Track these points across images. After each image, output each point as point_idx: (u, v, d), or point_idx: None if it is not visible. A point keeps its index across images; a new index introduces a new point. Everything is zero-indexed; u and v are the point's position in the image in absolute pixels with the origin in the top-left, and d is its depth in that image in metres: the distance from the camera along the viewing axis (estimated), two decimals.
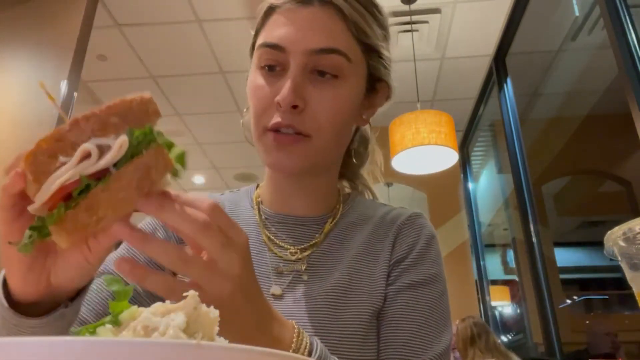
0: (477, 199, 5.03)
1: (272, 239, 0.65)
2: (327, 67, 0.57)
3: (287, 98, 0.55)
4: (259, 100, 0.59)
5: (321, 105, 0.57)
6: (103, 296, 0.58)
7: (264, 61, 0.59)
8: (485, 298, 4.69)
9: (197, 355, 0.23)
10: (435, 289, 0.61)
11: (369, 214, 0.69)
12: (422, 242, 0.64)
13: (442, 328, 0.59)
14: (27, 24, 2.62)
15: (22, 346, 0.22)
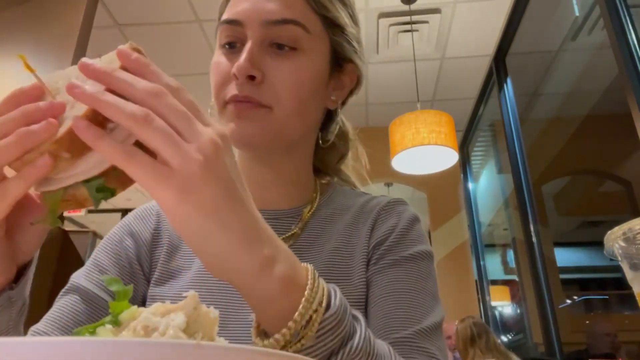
0: (477, 199, 5.03)
1: None
2: (285, 39, 0.56)
3: (242, 68, 0.53)
4: (216, 75, 0.58)
5: (280, 77, 0.55)
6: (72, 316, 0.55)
7: (224, 38, 0.58)
8: (485, 298, 4.69)
9: (197, 355, 0.23)
10: (422, 266, 0.58)
11: (348, 203, 0.66)
12: (403, 224, 0.61)
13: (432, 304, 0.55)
14: (27, 24, 2.62)
15: (22, 346, 0.22)
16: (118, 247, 0.63)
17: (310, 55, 0.58)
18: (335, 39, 0.61)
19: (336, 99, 0.65)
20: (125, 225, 0.66)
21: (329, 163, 0.73)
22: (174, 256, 0.63)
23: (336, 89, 0.65)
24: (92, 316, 0.56)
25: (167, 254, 0.63)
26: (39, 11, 2.64)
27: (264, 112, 0.55)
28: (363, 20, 3.54)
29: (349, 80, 0.66)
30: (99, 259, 0.62)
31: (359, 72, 0.66)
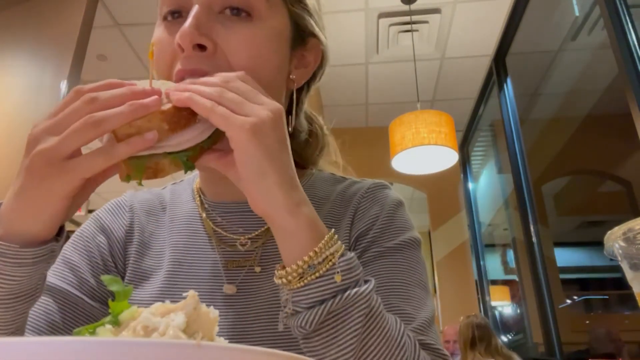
0: (477, 199, 5.03)
1: (218, 231, 0.58)
2: (238, 2, 0.48)
3: (187, 34, 0.45)
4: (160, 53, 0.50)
5: (235, 46, 0.48)
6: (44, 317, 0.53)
7: (166, 7, 0.50)
8: (485, 298, 4.69)
9: (197, 355, 0.23)
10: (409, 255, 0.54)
11: (327, 190, 0.61)
12: (387, 211, 0.56)
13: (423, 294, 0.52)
14: (27, 24, 2.62)
15: (21, 346, 0.22)
16: (90, 244, 0.59)
17: (269, 23, 0.50)
18: (295, 10, 0.54)
19: (297, 77, 0.57)
20: (96, 221, 0.62)
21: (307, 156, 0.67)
22: (145, 256, 0.60)
23: (299, 66, 0.57)
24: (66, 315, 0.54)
25: (137, 252, 0.60)
26: (39, 11, 2.64)
27: None
28: (363, 20, 3.54)
29: (313, 57, 0.59)
30: (69, 257, 0.58)
31: (324, 47, 0.59)
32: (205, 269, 0.56)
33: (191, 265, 0.57)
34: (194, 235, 0.59)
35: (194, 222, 0.60)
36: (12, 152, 2.35)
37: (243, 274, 0.55)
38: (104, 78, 1.50)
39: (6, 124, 2.43)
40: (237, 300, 0.54)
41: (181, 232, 0.60)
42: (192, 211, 0.61)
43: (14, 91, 2.52)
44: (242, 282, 0.55)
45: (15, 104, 2.48)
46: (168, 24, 0.51)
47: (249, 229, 0.57)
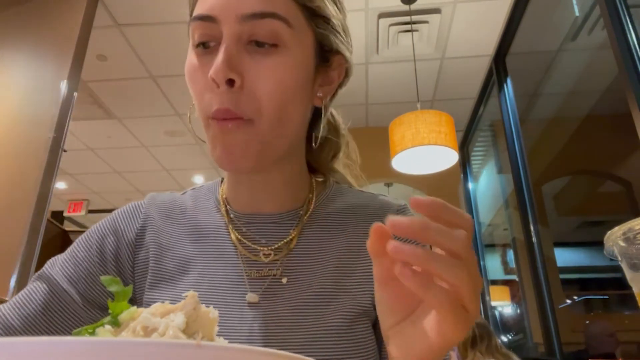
0: (477, 199, 5.03)
1: (243, 241, 0.59)
2: (264, 35, 0.50)
3: (219, 71, 0.48)
4: (194, 83, 0.53)
5: (260, 77, 0.50)
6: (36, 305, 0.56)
7: (198, 37, 0.52)
8: (485, 298, 4.68)
9: (197, 355, 0.23)
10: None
11: (348, 203, 0.62)
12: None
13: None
14: (27, 24, 2.62)
15: (22, 346, 0.22)
16: (98, 243, 0.61)
17: (294, 51, 0.52)
18: (320, 31, 0.56)
19: (324, 95, 0.59)
20: (111, 221, 0.63)
21: (322, 161, 0.68)
22: (164, 257, 0.60)
23: (323, 84, 0.59)
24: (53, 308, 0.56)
25: (155, 256, 0.60)
26: (39, 11, 2.64)
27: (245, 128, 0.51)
28: (363, 20, 3.54)
29: (337, 74, 0.61)
30: (76, 252, 0.61)
31: (348, 63, 0.61)
32: (230, 277, 0.57)
33: (216, 272, 0.58)
34: (219, 245, 0.60)
35: (220, 231, 0.61)
36: (12, 151, 2.35)
37: (267, 283, 0.57)
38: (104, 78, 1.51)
39: (6, 124, 2.43)
40: (259, 308, 0.55)
41: (207, 240, 0.61)
42: (218, 221, 0.62)
43: (14, 91, 2.52)
44: (266, 291, 0.56)
45: (15, 104, 2.48)
46: (199, 53, 0.53)
47: (271, 240, 0.59)
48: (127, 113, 4.74)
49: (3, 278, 2.07)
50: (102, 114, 4.73)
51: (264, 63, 0.50)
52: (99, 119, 4.82)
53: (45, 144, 2.31)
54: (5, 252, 2.12)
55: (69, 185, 6.54)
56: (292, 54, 0.52)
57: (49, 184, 2.28)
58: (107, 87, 4.25)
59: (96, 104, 4.53)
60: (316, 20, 0.55)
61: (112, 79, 4.13)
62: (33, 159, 2.29)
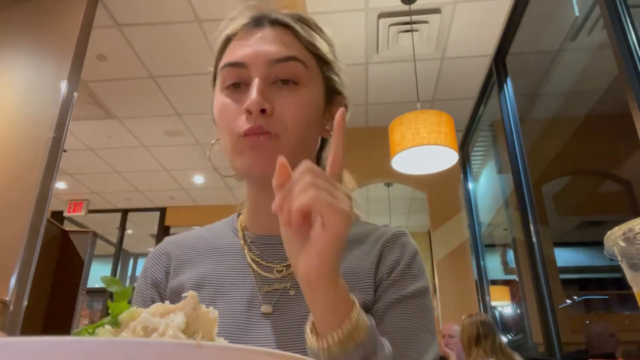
0: (477, 199, 5.03)
1: (257, 261, 0.67)
2: (287, 75, 0.62)
3: (255, 103, 0.59)
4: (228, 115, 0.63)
5: (286, 108, 0.61)
6: None
7: (229, 80, 0.63)
8: (485, 298, 4.69)
9: (197, 355, 0.23)
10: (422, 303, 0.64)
11: (355, 231, 0.71)
12: (406, 259, 0.67)
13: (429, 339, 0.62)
14: (27, 24, 2.62)
15: (22, 345, 0.22)
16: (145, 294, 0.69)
17: (310, 88, 0.64)
18: (327, 74, 0.68)
19: (329, 129, 0.70)
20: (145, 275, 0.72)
21: None
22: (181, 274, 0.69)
23: (329, 119, 0.70)
24: None
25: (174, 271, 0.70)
26: (39, 11, 2.64)
27: (273, 142, 0.61)
28: (363, 20, 3.54)
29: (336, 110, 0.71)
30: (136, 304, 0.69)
31: (346, 102, 0.73)
32: (244, 291, 0.65)
33: (232, 289, 0.66)
34: (235, 264, 0.68)
35: (235, 252, 0.70)
36: (12, 152, 2.35)
37: (278, 295, 0.64)
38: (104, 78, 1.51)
39: (6, 124, 2.43)
40: (273, 318, 0.63)
41: (223, 260, 0.69)
42: (234, 244, 0.71)
43: (14, 91, 2.52)
44: (277, 302, 0.64)
45: (15, 104, 2.48)
46: (230, 92, 0.64)
47: (284, 258, 0.66)
48: (127, 113, 4.74)
49: (3, 278, 2.07)
50: (102, 114, 4.73)
51: (288, 96, 0.62)
52: (99, 119, 4.82)
53: (45, 144, 2.31)
54: (5, 252, 2.12)
55: (69, 185, 6.54)
56: (309, 91, 0.64)
57: (49, 184, 2.29)
58: (107, 87, 4.25)
59: (96, 104, 4.53)
60: (324, 65, 0.68)
61: (112, 79, 4.13)
62: (33, 159, 2.29)
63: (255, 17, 0.67)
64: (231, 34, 0.67)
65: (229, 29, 0.68)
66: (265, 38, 0.64)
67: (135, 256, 9.38)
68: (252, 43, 0.64)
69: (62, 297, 3.05)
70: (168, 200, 7.21)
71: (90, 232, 3.34)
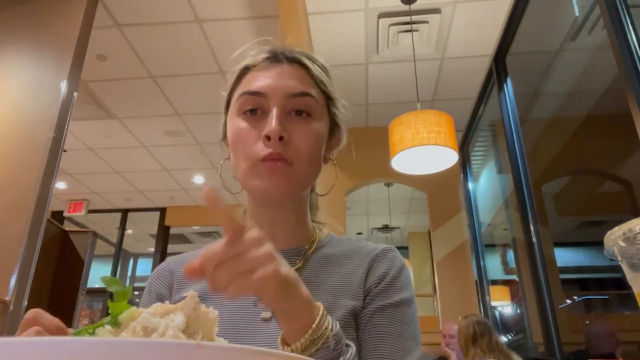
0: (477, 199, 5.03)
1: None
2: (302, 107, 0.69)
3: (275, 130, 0.64)
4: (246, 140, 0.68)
5: (300, 136, 0.68)
6: None
7: (247, 106, 0.69)
8: (485, 298, 4.69)
9: (197, 355, 0.23)
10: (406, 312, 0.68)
11: (345, 247, 0.77)
12: (393, 272, 0.71)
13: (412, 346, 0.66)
14: (27, 24, 2.62)
15: (22, 345, 0.22)
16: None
17: (319, 120, 0.72)
18: (333, 110, 0.76)
19: (329, 157, 0.79)
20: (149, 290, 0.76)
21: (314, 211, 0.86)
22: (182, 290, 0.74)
23: (330, 149, 0.79)
24: None
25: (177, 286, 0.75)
26: (39, 11, 2.64)
27: (288, 168, 0.67)
28: (363, 20, 3.54)
29: (336, 141, 0.81)
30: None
31: (343, 135, 0.81)
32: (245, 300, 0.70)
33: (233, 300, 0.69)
34: None
35: None
36: (12, 152, 2.35)
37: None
38: (104, 78, 1.51)
39: (6, 124, 2.43)
40: (272, 323, 0.67)
41: None
42: None
43: (14, 91, 2.52)
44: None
45: (15, 104, 2.48)
46: (248, 118, 0.69)
47: None
48: (127, 113, 4.74)
49: (3, 278, 2.07)
50: (102, 114, 4.73)
51: (301, 127, 0.69)
52: (99, 119, 4.82)
53: (45, 144, 2.31)
54: (5, 252, 2.12)
55: (69, 185, 6.54)
56: (319, 123, 0.71)
57: (49, 184, 2.28)
58: (107, 87, 4.25)
59: (96, 104, 4.53)
60: (329, 101, 0.76)
61: (112, 79, 4.13)
62: (33, 159, 2.29)
63: (274, 52, 0.73)
64: (250, 65, 0.73)
65: (249, 60, 0.74)
66: (284, 73, 0.70)
67: (135, 256, 9.38)
68: (272, 76, 0.70)
69: (62, 297, 3.05)
70: (168, 200, 7.21)
71: (90, 232, 3.34)
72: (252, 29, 3.53)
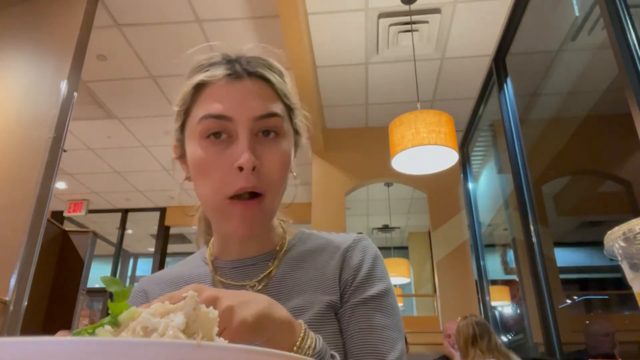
0: (477, 199, 5.03)
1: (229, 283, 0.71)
2: (270, 127, 0.65)
3: (249, 161, 0.61)
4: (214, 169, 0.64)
5: (271, 161, 0.64)
6: None
7: (210, 129, 0.64)
8: (485, 298, 4.69)
9: (197, 355, 0.23)
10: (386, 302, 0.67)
11: (316, 242, 0.75)
12: (368, 263, 0.70)
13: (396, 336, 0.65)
14: (27, 23, 2.62)
15: (22, 345, 0.22)
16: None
17: (286, 138, 0.68)
18: (295, 120, 0.72)
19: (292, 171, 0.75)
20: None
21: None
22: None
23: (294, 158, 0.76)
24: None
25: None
26: (39, 11, 2.64)
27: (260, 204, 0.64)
28: (363, 20, 3.54)
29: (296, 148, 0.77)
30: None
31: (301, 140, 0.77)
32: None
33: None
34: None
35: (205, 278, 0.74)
36: (12, 152, 2.35)
37: None
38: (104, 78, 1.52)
39: (6, 124, 2.43)
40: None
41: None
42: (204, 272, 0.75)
43: (14, 91, 2.52)
44: None
45: (15, 104, 2.48)
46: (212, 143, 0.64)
47: (255, 276, 0.71)
48: (127, 113, 4.74)
49: (3, 278, 2.07)
50: (102, 114, 4.73)
51: (272, 149, 0.65)
52: (99, 119, 4.82)
53: (45, 144, 2.31)
54: (5, 252, 2.12)
55: (69, 185, 6.54)
56: (286, 141, 0.68)
57: (49, 184, 2.28)
58: (107, 87, 4.25)
59: (96, 104, 4.53)
60: (292, 112, 0.71)
61: (112, 79, 4.13)
62: (33, 159, 2.29)
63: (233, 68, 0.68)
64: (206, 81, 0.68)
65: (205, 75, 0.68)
66: (248, 91, 0.66)
67: (135, 256, 9.38)
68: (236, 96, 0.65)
69: (62, 297, 3.05)
70: (168, 200, 7.21)
71: (90, 232, 3.34)
72: (252, 29, 3.53)
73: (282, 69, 0.73)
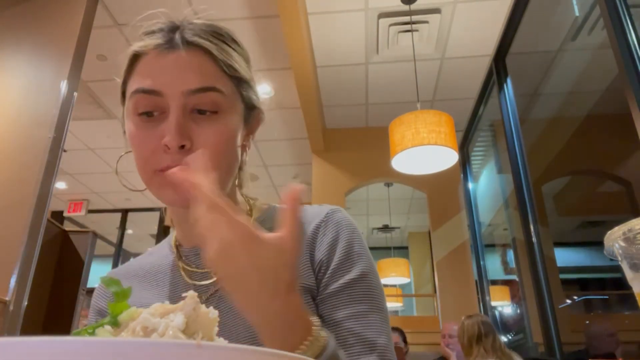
0: (477, 199, 5.03)
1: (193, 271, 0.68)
2: (206, 105, 0.59)
3: (174, 139, 0.56)
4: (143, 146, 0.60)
5: (207, 139, 0.59)
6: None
7: (142, 107, 0.60)
8: (485, 298, 4.69)
9: (197, 355, 0.23)
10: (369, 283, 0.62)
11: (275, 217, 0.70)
12: (344, 239, 0.64)
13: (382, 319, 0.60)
14: (27, 24, 2.62)
15: (21, 345, 0.22)
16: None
17: (229, 114, 0.62)
18: (245, 93, 0.66)
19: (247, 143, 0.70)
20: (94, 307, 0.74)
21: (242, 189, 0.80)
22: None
23: (248, 134, 0.69)
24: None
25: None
26: (39, 11, 2.64)
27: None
28: (363, 20, 3.54)
29: (256, 123, 0.71)
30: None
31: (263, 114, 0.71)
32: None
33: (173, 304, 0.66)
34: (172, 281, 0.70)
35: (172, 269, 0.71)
36: (12, 151, 2.35)
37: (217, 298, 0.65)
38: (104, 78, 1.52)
39: (6, 124, 2.43)
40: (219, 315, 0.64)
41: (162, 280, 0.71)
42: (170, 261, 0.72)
43: (14, 91, 2.52)
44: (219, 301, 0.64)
45: (15, 104, 2.48)
46: (143, 120, 0.60)
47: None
48: None
49: (3, 278, 2.07)
50: (102, 114, 4.72)
51: (208, 128, 0.59)
52: (99, 119, 4.82)
53: (45, 144, 2.31)
54: (5, 252, 2.12)
55: (69, 185, 6.54)
56: (229, 117, 0.62)
57: (49, 184, 2.28)
58: (107, 87, 4.25)
59: (96, 104, 4.53)
60: (242, 85, 0.65)
61: (112, 79, 4.12)
62: (33, 159, 2.29)
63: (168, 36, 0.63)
64: (141, 52, 0.63)
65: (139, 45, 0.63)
66: (183, 63, 0.60)
67: (135, 256, 9.39)
68: (168, 68, 0.60)
69: (62, 297, 3.05)
70: None
71: (90, 232, 3.34)
72: (252, 29, 3.53)
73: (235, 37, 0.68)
